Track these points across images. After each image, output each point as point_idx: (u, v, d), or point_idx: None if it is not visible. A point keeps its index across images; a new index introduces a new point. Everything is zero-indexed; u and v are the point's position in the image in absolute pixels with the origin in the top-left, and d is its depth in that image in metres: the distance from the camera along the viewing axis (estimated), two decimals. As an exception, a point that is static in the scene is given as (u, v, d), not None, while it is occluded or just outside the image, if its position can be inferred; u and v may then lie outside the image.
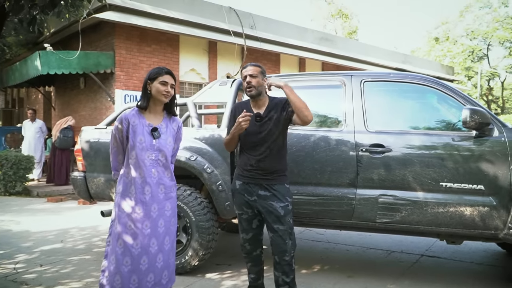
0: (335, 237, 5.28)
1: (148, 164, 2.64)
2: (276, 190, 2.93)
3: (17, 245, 4.88)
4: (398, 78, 3.69)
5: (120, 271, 2.57)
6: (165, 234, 2.69)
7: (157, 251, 2.64)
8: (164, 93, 2.66)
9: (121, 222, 2.63)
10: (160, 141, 2.68)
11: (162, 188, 2.69)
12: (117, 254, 2.59)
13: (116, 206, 2.69)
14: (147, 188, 2.64)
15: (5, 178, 8.50)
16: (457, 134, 3.33)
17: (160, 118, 2.76)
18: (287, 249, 2.90)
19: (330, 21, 35.26)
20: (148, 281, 2.61)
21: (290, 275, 2.96)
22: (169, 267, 2.72)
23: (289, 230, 2.93)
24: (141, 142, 2.64)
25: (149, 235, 2.61)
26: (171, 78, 2.70)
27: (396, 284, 3.64)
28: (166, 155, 2.70)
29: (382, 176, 3.39)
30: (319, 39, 14.20)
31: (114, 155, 2.77)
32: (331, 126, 3.71)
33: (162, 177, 2.70)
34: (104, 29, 9.91)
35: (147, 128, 2.67)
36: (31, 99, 14.55)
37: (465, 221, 3.25)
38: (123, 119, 2.67)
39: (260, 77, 2.98)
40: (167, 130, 2.75)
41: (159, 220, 2.66)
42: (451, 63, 31.69)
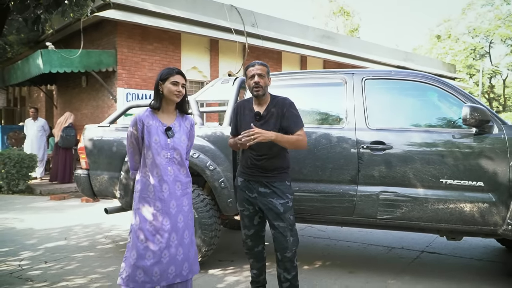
0: (337, 233, 5.32)
1: (164, 163, 2.72)
2: (275, 187, 2.95)
3: (21, 242, 4.93)
4: (399, 76, 3.72)
5: (142, 265, 2.66)
6: (184, 229, 2.78)
7: (177, 245, 2.73)
8: (176, 93, 2.73)
9: (142, 219, 2.72)
10: (175, 139, 2.76)
11: (179, 185, 2.78)
12: (138, 249, 2.68)
13: (135, 204, 2.77)
14: (165, 186, 2.72)
15: (8, 177, 8.55)
16: (457, 132, 3.36)
17: (173, 117, 2.83)
18: (288, 246, 2.93)
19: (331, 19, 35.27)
20: (170, 273, 2.71)
21: (292, 271, 2.99)
22: (189, 259, 2.80)
23: (289, 227, 2.95)
24: (156, 142, 2.72)
25: (169, 231, 2.71)
26: (182, 78, 2.77)
27: (397, 280, 3.68)
28: (180, 153, 2.78)
29: (383, 173, 3.43)
30: (321, 37, 14.22)
31: (131, 155, 2.84)
32: (333, 123, 3.75)
33: (178, 174, 2.78)
34: (106, 27, 9.94)
35: (161, 128, 2.75)
36: (33, 97, 14.60)
37: (465, 217, 3.28)
38: (137, 120, 2.75)
39: (267, 77, 3.00)
40: (181, 129, 2.82)
41: (178, 216, 2.75)
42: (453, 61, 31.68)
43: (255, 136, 2.73)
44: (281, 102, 3.00)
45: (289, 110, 2.96)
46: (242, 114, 3.07)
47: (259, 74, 2.94)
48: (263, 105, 3.02)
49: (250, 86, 2.99)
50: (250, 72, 2.98)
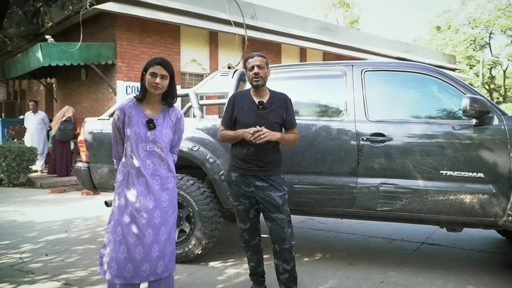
0: (337, 225, 5.33)
1: (142, 156, 2.65)
2: (272, 180, 2.98)
3: (22, 235, 4.95)
4: (398, 67, 3.70)
5: (116, 258, 2.59)
6: (161, 225, 2.68)
7: (152, 242, 2.64)
8: (153, 84, 2.63)
9: (119, 210, 2.65)
10: (156, 132, 2.67)
11: (158, 179, 2.69)
12: (115, 241, 2.62)
13: (115, 194, 2.72)
14: (142, 179, 2.65)
15: (8, 170, 8.56)
16: (457, 123, 3.35)
17: (158, 109, 2.74)
18: (287, 237, 2.95)
19: (331, 10, 35.10)
20: (143, 270, 2.63)
21: (291, 262, 3.00)
22: (165, 256, 2.71)
23: (287, 219, 2.99)
24: (135, 133, 2.65)
25: (144, 226, 2.62)
26: (162, 69, 2.64)
27: (397, 271, 3.70)
28: (162, 147, 2.70)
29: (383, 165, 3.42)
30: (320, 28, 14.15)
31: (114, 144, 2.81)
32: (332, 115, 3.74)
33: (158, 168, 2.70)
34: (105, 20, 9.89)
35: (142, 120, 2.67)
36: (33, 90, 14.57)
37: (465, 209, 3.28)
38: (120, 109, 2.69)
39: (266, 68, 3.04)
40: (164, 122, 2.73)
41: (155, 211, 2.66)
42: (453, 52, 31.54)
43: (265, 135, 2.83)
44: (282, 97, 3.09)
45: (290, 107, 3.09)
46: (241, 105, 3.06)
47: (258, 65, 2.99)
48: (263, 98, 3.05)
49: (249, 77, 3.03)
50: (250, 64, 3.02)
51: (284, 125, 3.08)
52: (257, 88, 3.02)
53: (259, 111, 2.97)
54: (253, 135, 2.83)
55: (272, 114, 2.99)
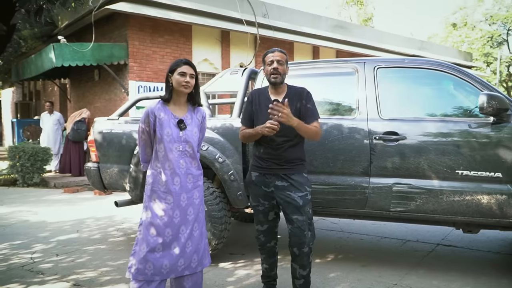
0: (349, 226, 5.24)
1: (176, 156, 2.69)
2: (293, 180, 2.86)
3: (34, 235, 4.97)
4: (412, 64, 3.60)
5: (152, 258, 2.64)
6: (194, 221, 2.75)
7: (186, 238, 2.71)
8: (183, 84, 2.68)
9: (152, 212, 2.69)
10: (187, 132, 2.72)
11: (190, 178, 2.74)
12: (149, 243, 2.66)
13: (146, 197, 2.74)
14: (177, 179, 2.69)
15: (22, 170, 8.65)
16: (474, 121, 3.24)
17: (184, 109, 2.79)
18: (306, 241, 2.84)
19: (345, 8, 34.77)
20: (179, 266, 2.69)
21: (307, 268, 2.92)
22: (199, 251, 2.77)
23: (308, 221, 2.86)
24: (168, 134, 2.68)
25: (179, 223, 2.69)
26: (190, 68, 2.71)
27: (411, 274, 3.60)
28: (192, 146, 2.74)
29: (396, 164, 3.33)
30: (333, 26, 14.01)
31: (143, 148, 2.81)
32: (344, 114, 3.65)
33: (190, 167, 2.75)
34: (117, 20, 9.93)
35: (173, 121, 2.71)
36: (47, 91, 14.73)
37: (482, 210, 3.17)
38: (149, 113, 2.71)
39: (285, 65, 2.94)
40: (192, 121, 2.78)
41: (188, 209, 2.72)
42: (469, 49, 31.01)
43: (282, 114, 2.63)
44: (299, 92, 2.94)
45: (308, 101, 2.92)
46: (258, 103, 2.96)
47: (278, 61, 2.88)
48: (281, 94, 2.94)
49: (267, 73, 2.91)
50: (269, 58, 2.91)
51: (301, 118, 2.85)
52: (274, 85, 2.92)
53: None
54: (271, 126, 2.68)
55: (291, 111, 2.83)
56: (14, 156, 8.65)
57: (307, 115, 2.89)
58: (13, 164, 8.72)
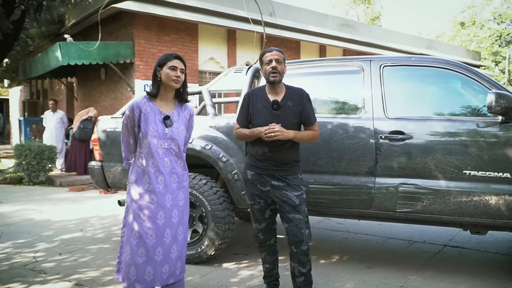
0: (355, 226, 5.18)
1: (161, 153, 2.58)
2: (289, 180, 2.87)
3: (38, 234, 4.96)
4: (419, 62, 3.53)
5: (135, 262, 2.53)
6: (178, 224, 2.65)
7: (171, 242, 2.60)
8: (174, 78, 2.58)
9: (135, 212, 2.58)
10: (173, 129, 2.62)
11: (175, 177, 2.64)
12: (131, 245, 2.55)
13: (129, 196, 2.65)
14: (161, 178, 2.58)
15: (28, 168, 8.67)
16: (482, 120, 3.17)
17: (171, 105, 2.69)
18: (304, 239, 2.83)
19: (352, 7, 34.60)
20: (163, 273, 2.58)
21: (307, 265, 2.89)
22: (182, 257, 2.69)
23: (305, 219, 2.86)
24: (153, 130, 2.57)
25: (163, 226, 2.57)
26: (181, 63, 2.62)
27: (418, 275, 3.54)
28: (178, 144, 2.64)
29: (403, 164, 3.27)
30: (340, 25, 13.92)
31: (126, 144, 2.71)
32: (349, 113, 3.59)
33: (175, 166, 2.65)
34: (123, 19, 9.93)
35: (159, 116, 2.60)
36: (54, 90, 14.78)
37: (490, 211, 3.10)
38: (134, 106, 2.60)
39: (283, 64, 2.92)
40: (179, 118, 2.68)
41: (173, 210, 2.62)
42: (478, 48, 30.73)
43: (275, 134, 2.70)
44: (298, 93, 2.92)
45: (308, 103, 2.92)
46: (255, 103, 2.94)
47: (277, 60, 2.86)
48: (279, 95, 2.91)
49: (266, 72, 2.89)
50: (267, 58, 2.89)
51: (301, 122, 2.93)
52: (273, 84, 2.89)
53: (274, 111, 2.85)
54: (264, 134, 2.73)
55: (288, 112, 2.86)
56: (20, 154, 8.68)
57: (307, 119, 2.92)
58: (19, 162, 8.74)
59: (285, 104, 2.87)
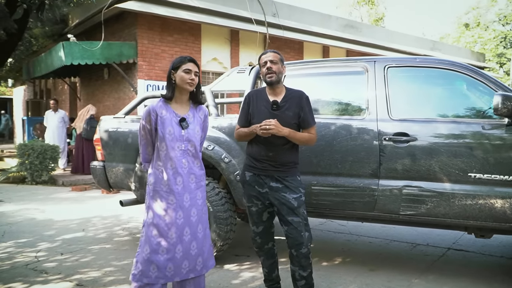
0: (358, 228, 5.14)
1: (178, 155, 2.64)
2: (288, 182, 2.85)
3: (40, 233, 4.95)
4: (424, 63, 3.49)
5: (156, 260, 2.59)
6: (198, 223, 2.69)
7: (190, 239, 2.65)
8: (188, 81, 2.63)
9: (155, 213, 2.64)
10: (189, 131, 2.67)
11: (193, 177, 2.69)
12: (152, 244, 2.61)
13: (148, 197, 2.69)
14: (179, 179, 2.64)
15: (31, 168, 8.68)
16: (488, 122, 3.14)
17: (186, 107, 2.74)
18: (304, 241, 2.80)
19: (355, 8, 34.55)
20: (183, 268, 2.65)
21: (308, 269, 2.86)
22: (203, 253, 2.73)
23: (304, 221, 2.84)
24: (170, 133, 2.63)
25: (182, 225, 2.63)
26: (195, 66, 2.68)
27: (421, 279, 3.50)
28: (195, 145, 2.70)
29: (407, 166, 3.24)
30: (344, 26, 13.89)
31: (144, 147, 2.76)
32: (353, 114, 3.56)
33: (192, 166, 2.70)
34: (126, 19, 9.93)
35: (175, 119, 2.66)
36: (58, 89, 14.82)
37: (496, 214, 3.07)
38: (151, 111, 2.66)
39: (280, 64, 2.92)
40: (194, 120, 2.73)
41: (192, 209, 2.67)
42: (482, 50, 30.62)
43: (270, 127, 2.68)
44: (298, 95, 2.93)
45: (307, 105, 2.91)
46: (255, 104, 2.94)
47: (271, 61, 2.88)
48: (279, 96, 2.91)
49: (263, 74, 2.91)
50: (262, 60, 2.92)
51: (299, 123, 2.91)
52: (271, 84, 2.90)
53: (273, 111, 2.84)
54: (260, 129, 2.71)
55: (287, 113, 2.85)
56: (23, 153, 8.69)
57: (304, 121, 2.90)
58: (22, 162, 8.75)
59: (284, 105, 2.87)
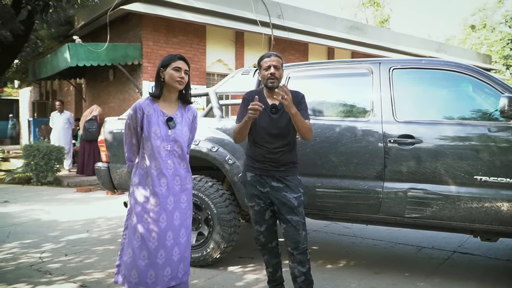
0: (362, 231, 5.12)
1: (164, 155, 2.57)
2: (289, 181, 2.88)
3: (44, 234, 4.97)
4: (429, 65, 3.47)
5: (137, 265, 2.52)
6: (180, 227, 2.63)
7: (173, 244, 2.59)
8: (178, 79, 2.56)
9: (137, 214, 2.57)
10: (176, 131, 2.60)
11: (178, 179, 2.63)
12: (134, 248, 2.54)
13: (131, 198, 2.63)
14: (163, 180, 2.57)
15: (37, 168, 8.72)
16: (494, 124, 3.11)
17: (174, 107, 2.67)
18: (301, 240, 2.86)
19: (361, 9, 34.47)
20: (165, 275, 2.56)
21: (306, 264, 2.90)
22: (185, 260, 2.67)
23: (302, 221, 2.89)
24: (156, 132, 2.55)
25: (165, 228, 2.55)
26: (185, 64, 2.61)
27: (426, 282, 3.47)
28: (181, 146, 2.63)
29: (412, 168, 3.21)
30: (349, 28, 13.86)
31: (128, 146, 2.69)
32: (358, 116, 3.54)
33: (178, 168, 2.63)
34: (131, 20, 9.96)
35: (162, 118, 2.58)
36: (63, 91, 14.87)
37: (502, 217, 3.03)
38: (137, 108, 2.59)
39: (281, 70, 2.95)
40: (182, 120, 2.66)
41: (175, 213, 2.60)
42: (488, 52, 30.42)
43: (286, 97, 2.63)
44: (295, 96, 2.92)
45: (302, 102, 2.95)
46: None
47: (275, 66, 2.88)
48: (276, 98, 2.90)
49: (264, 77, 2.91)
50: (266, 63, 2.90)
51: None
52: (271, 89, 2.90)
53: (272, 114, 2.87)
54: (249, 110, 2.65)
55: (286, 115, 2.86)
56: (29, 154, 8.73)
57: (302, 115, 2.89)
58: (28, 163, 8.79)
59: (283, 108, 2.87)
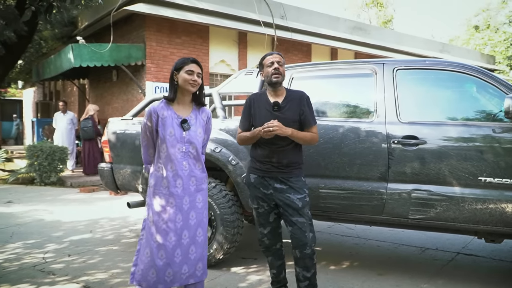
0: (366, 232, 5.10)
1: (179, 157, 2.62)
2: (292, 183, 2.85)
3: (48, 234, 4.98)
4: (433, 65, 3.46)
5: (155, 264, 2.57)
6: (197, 226, 2.68)
7: (189, 243, 2.63)
8: (191, 82, 2.62)
9: (154, 215, 2.63)
10: (190, 133, 2.65)
11: (193, 180, 2.67)
12: (152, 248, 2.59)
13: (148, 199, 2.68)
14: (179, 181, 2.62)
15: (40, 169, 8.74)
16: (498, 125, 3.09)
17: (188, 109, 2.72)
18: (308, 242, 2.80)
19: (364, 10, 34.43)
20: (183, 273, 2.62)
21: (311, 269, 2.86)
22: (203, 259, 2.71)
23: (309, 222, 2.84)
24: (171, 135, 2.61)
25: (181, 228, 2.61)
26: (197, 67, 2.66)
27: (430, 284, 3.46)
28: (196, 147, 2.68)
29: (416, 169, 3.20)
30: (352, 28, 13.85)
31: (145, 148, 2.75)
32: (361, 116, 3.53)
33: (193, 169, 2.68)
34: (135, 21, 9.98)
35: (176, 120, 2.64)
36: (67, 91, 14.91)
37: (506, 219, 3.02)
38: (152, 112, 2.65)
39: (284, 67, 2.94)
40: (197, 121, 2.71)
41: (191, 212, 2.65)
42: (492, 52, 30.31)
43: (274, 129, 2.66)
44: (299, 96, 2.93)
45: (307, 105, 2.92)
46: (257, 107, 2.94)
47: (278, 62, 2.88)
48: (280, 97, 2.92)
49: (268, 74, 2.89)
50: (269, 60, 2.91)
51: (300, 123, 2.89)
52: (275, 85, 2.89)
53: (274, 112, 2.84)
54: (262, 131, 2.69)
55: (288, 114, 2.84)
56: (32, 155, 8.75)
57: (306, 120, 2.90)
58: (31, 163, 8.82)
59: (285, 106, 2.87)
